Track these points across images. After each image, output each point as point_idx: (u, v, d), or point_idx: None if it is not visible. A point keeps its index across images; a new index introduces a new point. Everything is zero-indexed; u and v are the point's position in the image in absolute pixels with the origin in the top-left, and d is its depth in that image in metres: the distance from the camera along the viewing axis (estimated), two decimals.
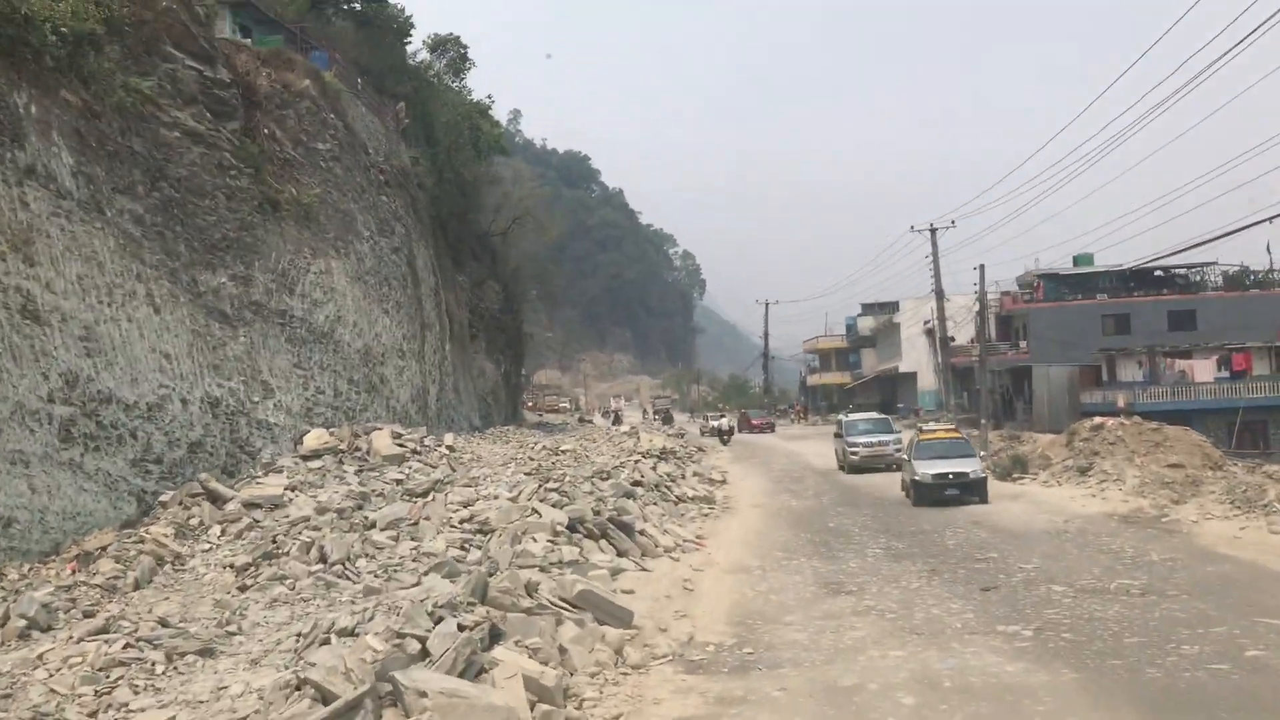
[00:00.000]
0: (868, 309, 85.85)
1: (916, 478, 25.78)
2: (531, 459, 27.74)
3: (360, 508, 17.20)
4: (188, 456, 21.53)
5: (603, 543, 17.82)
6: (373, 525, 16.16)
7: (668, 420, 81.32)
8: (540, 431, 64.64)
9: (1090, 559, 17.77)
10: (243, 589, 13.63)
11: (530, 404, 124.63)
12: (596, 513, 18.36)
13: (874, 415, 42.82)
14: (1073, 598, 14.71)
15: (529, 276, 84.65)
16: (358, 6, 56.71)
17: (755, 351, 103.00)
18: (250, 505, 17.09)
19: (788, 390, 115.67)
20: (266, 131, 29.45)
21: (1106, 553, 18.30)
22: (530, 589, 12.66)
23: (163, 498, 18.61)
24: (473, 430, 50.92)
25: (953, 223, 47.42)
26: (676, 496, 26.06)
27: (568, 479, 19.29)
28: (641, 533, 19.11)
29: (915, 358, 72.55)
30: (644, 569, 17.36)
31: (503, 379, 77.20)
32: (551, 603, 12.54)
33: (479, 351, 73.57)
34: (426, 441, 28.08)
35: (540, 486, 18.00)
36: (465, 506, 17.37)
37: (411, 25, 62.91)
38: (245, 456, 23.97)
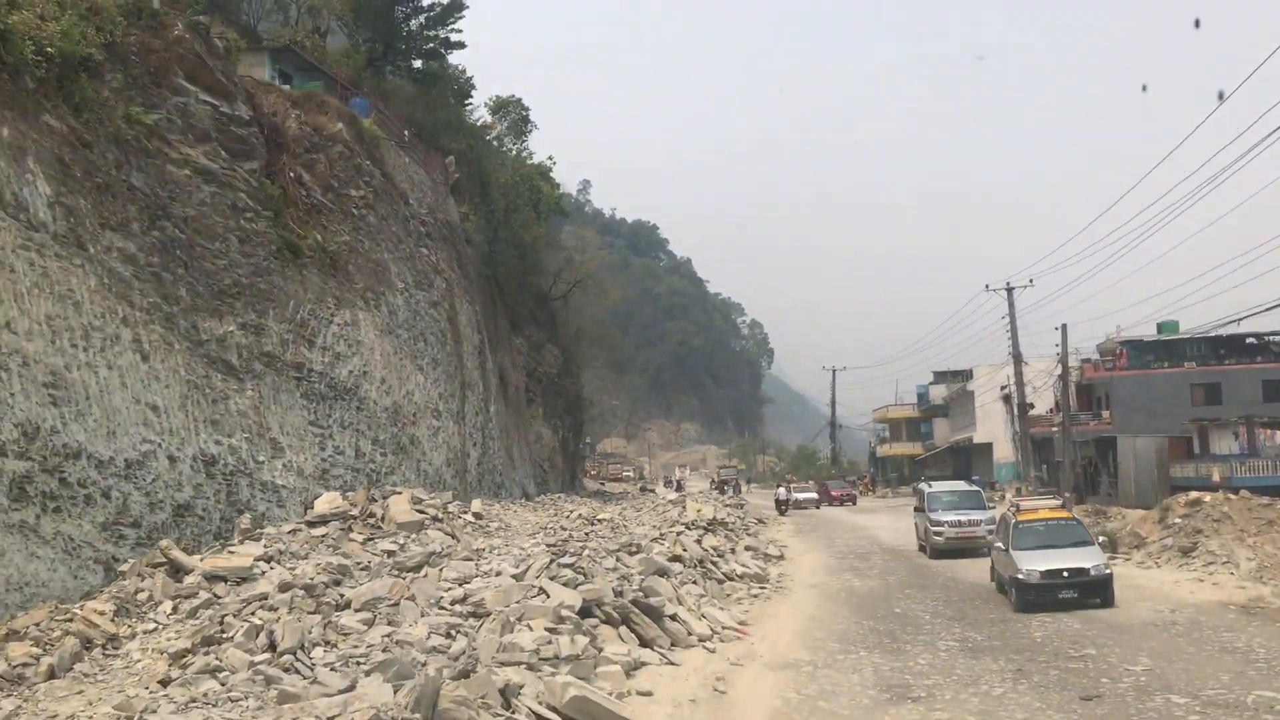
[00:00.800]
0: (940, 376, 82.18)
1: (1020, 576, 19.43)
2: (563, 529, 25.11)
3: (339, 583, 14.69)
4: (172, 520, 19.23)
5: (623, 630, 15.05)
6: (346, 605, 13.62)
7: (736, 490, 77.82)
8: (594, 500, 62.03)
9: (1212, 660, 14.56)
10: (164, 683, 11.16)
11: (593, 472, 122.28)
12: (618, 593, 15.62)
13: (962, 485, 35.35)
14: (1201, 713, 11.63)
15: (590, 341, 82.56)
16: (418, 64, 55.70)
17: (824, 421, 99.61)
18: (213, 578, 14.65)
19: (857, 461, 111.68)
20: (292, 175, 27.63)
21: (1231, 652, 15.06)
22: (509, 694, 9.98)
23: (122, 567, 16.25)
24: (523, 497, 48.47)
25: (1030, 281, 44.39)
26: (723, 574, 23.17)
27: (586, 553, 16.57)
28: (673, 617, 16.29)
29: (990, 428, 68.72)
30: (670, 663, 14.54)
31: (560, 445, 74.78)
32: (535, 715, 9.84)
33: (536, 416, 71.35)
34: (451, 508, 25.57)
35: (552, 561, 15.33)
36: (461, 584, 14.74)
37: (472, 86, 61.87)
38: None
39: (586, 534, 24.05)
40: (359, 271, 29.32)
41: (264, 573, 15.15)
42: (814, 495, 64.64)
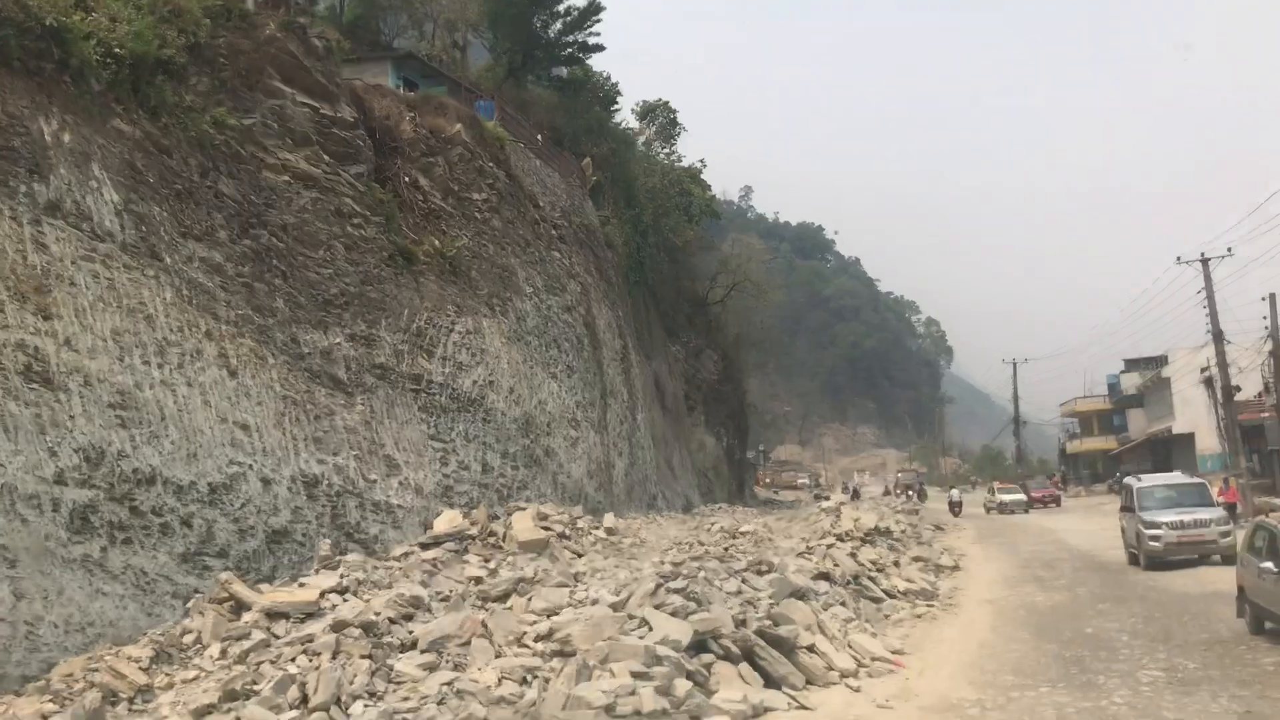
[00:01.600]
0: (1131, 364, 75.73)
1: None
2: (700, 544, 22.62)
3: (409, 618, 12.64)
4: (266, 548, 17.65)
5: (745, 668, 12.46)
6: (412, 645, 11.55)
7: (920, 495, 72.79)
8: (759, 510, 59.22)
9: None
10: None
11: (766, 480, 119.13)
12: (740, 623, 13.03)
13: (1180, 478, 29.09)
14: None
15: (751, 345, 79.69)
16: (560, 72, 54.44)
17: (1007, 418, 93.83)
18: (274, 615, 12.83)
19: (1046, 459, 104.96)
20: (407, 179, 26.13)
21: None
22: None
23: (189, 604, 14.63)
24: (683, 509, 46.19)
25: (1229, 250, 39.25)
26: (883, 591, 20.22)
27: (702, 575, 14.01)
28: (809, 649, 13.59)
29: (1191, 416, 62.41)
30: (801, 706, 11.91)
31: (725, 453, 72.20)
32: None
33: (697, 424, 68.99)
34: (581, 523, 23.45)
35: (659, 587, 12.87)
36: (548, 615, 12.48)
37: (618, 93, 60.15)
38: (354, 545, 19.98)
39: (725, 549, 21.47)
40: (483, 277, 27.60)
41: (334, 606, 13.24)
42: (1021, 497, 57.45)
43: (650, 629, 12.12)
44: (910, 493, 74.99)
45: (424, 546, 20.31)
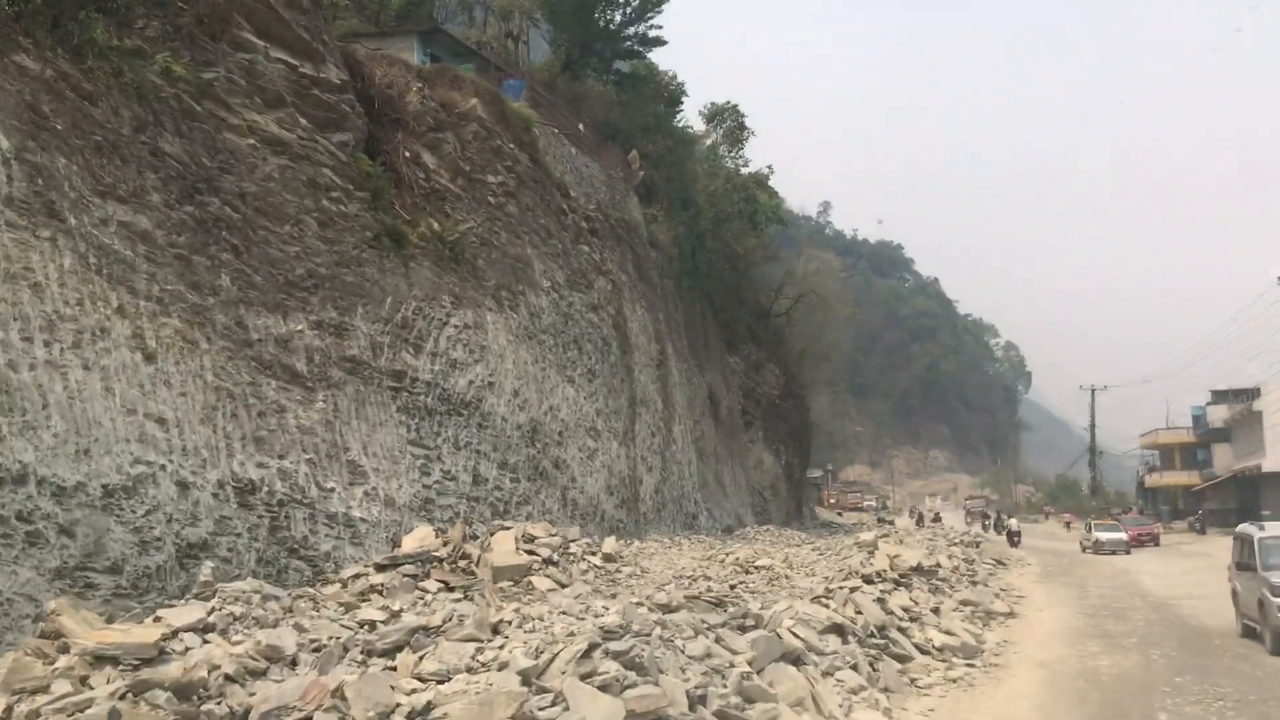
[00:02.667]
0: (1219, 396, 70.30)
1: None
2: (708, 578, 19.29)
3: (264, 673, 9.61)
4: (177, 564, 14.75)
5: None
6: (244, 716, 8.52)
7: (997, 524, 65.47)
8: (814, 533, 55.50)
9: None
10: None
11: (831, 500, 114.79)
12: (699, 700, 9.78)
13: None
14: None
15: (817, 361, 75.81)
16: (621, 67, 51.56)
17: (1084, 447, 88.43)
18: (101, 658, 9.90)
19: (1123, 492, 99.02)
20: (408, 154, 23.29)
21: None
22: None
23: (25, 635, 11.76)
24: (727, 529, 42.85)
25: None
26: (914, 646, 16.74)
27: (657, 633, 10.72)
28: None
29: None
30: None
31: (784, 472, 68.51)
32: None
33: (755, 440, 65.43)
34: (575, 547, 20.28)
35: (594, 649, 9.66)
36: (439, 682, 9.34)
37: (683, 92, 56.95)
38: (299, 562, 17.09)
39: (732, 588, 18.12)
40: (490, 267, 24.64)
41: (186, 650, 10.26)
42: (1122, 536, 47.80)
43: (567, 709, 8.91)
44: (986, 522, 68.28)
45: (380, 568, 17.31)
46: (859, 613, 16.82)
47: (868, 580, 18.88)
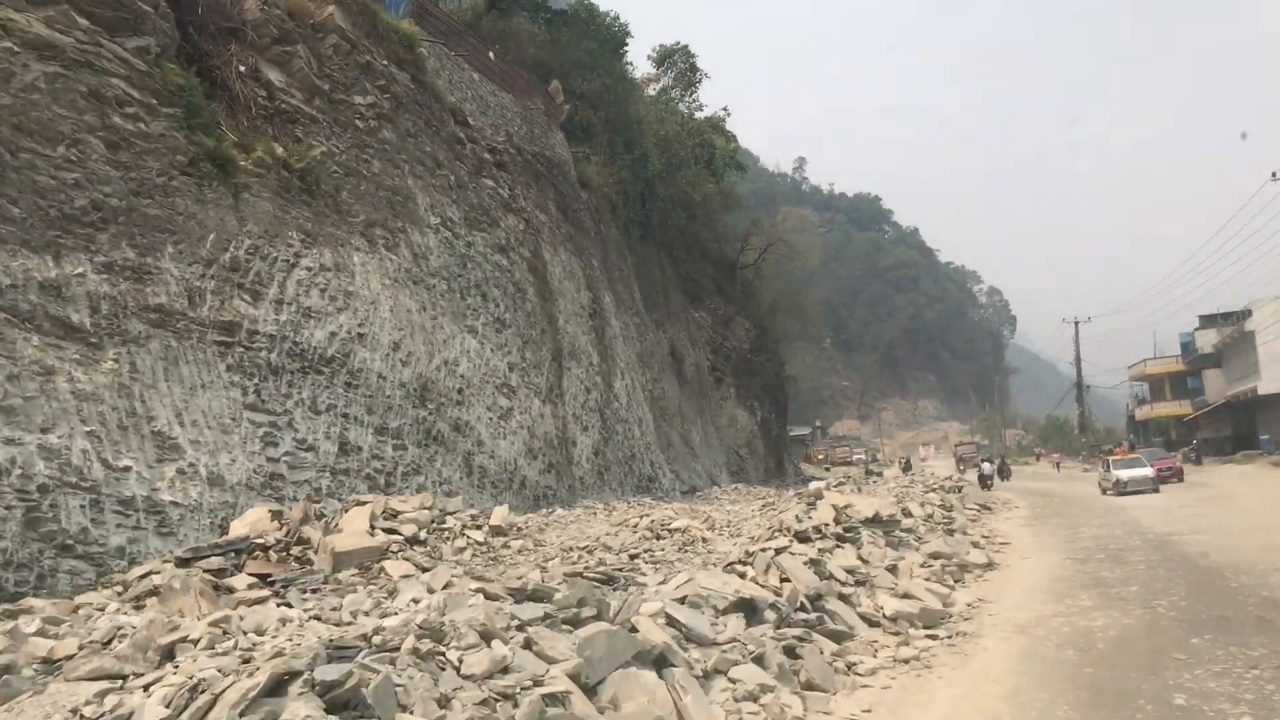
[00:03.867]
0: (1207, 320, 66.58)
1: None
2: (608, 548, 15.45)
3: None
4: None
5: None
6: None
7: (1003, 473, 57.99)
8: (798, 489, 51.84)
9: None
10: None
11: (820, 456, 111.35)
12: None
13: None
14: None
15: (788, 313, 71.82)
16: (563, 6, 47.45)
17: (1070, 384, 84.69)
18: None
19: (1113, 428, 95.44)
20: (243, 68, 19.23)
21: None
22: None
23: None
24: (691, 491, 39.13)
25: None
26: (860, 617, 12.94)
27: (409, 646, 6.91)
28: None
29: (1279, 375, 53.61)
30: None
31: (759, 428, 64.72)
32: None
33: (727, 398, 61.65)
34: (455, 520, 16.42)
35: (286, 681, 5.86)
36: None
37: (628, 34, 52.73)
38: (74, 562, 13.21)
39: (634, 557, 14.31)
40: (360, 200, 20.63)
41: None
42: (1148, 472, 39.88)
43: None
44: (989, 468, 62.32)
45: (182, 562, 13.47)
46: (785, 580, 12.99)
47: (802, 538, 15.02)
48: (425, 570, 14.23)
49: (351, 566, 14.22)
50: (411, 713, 6.33)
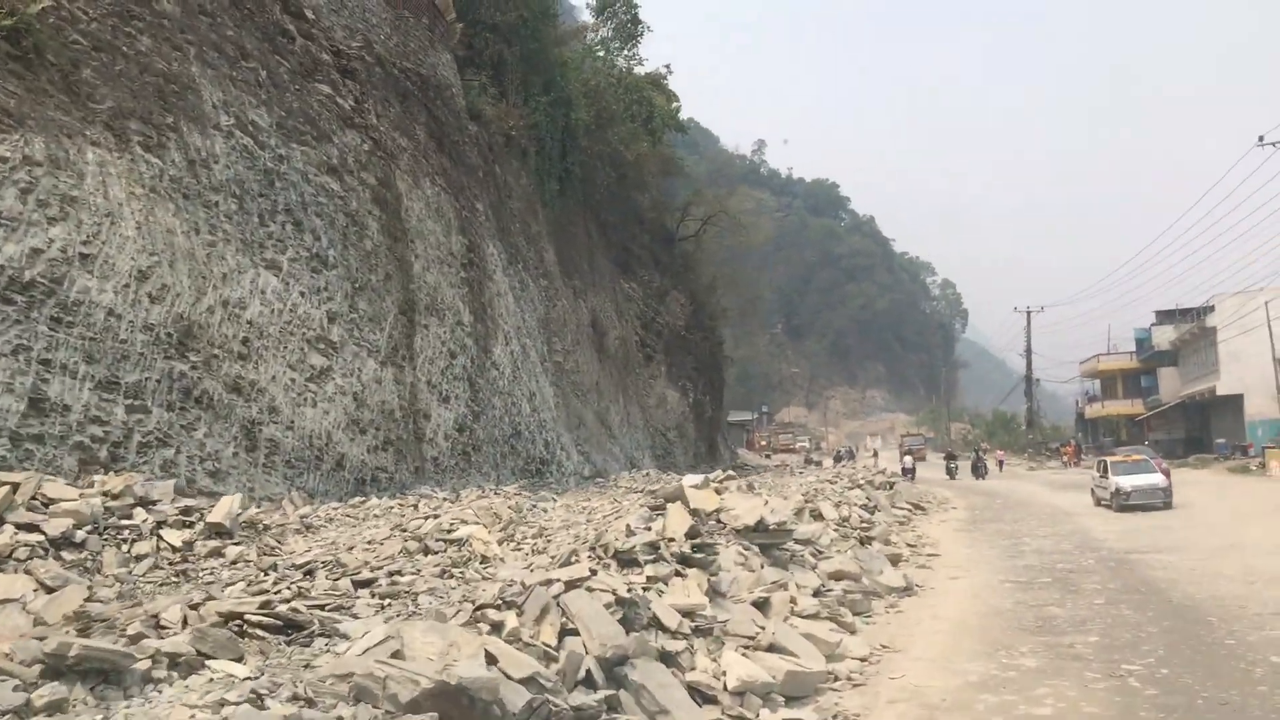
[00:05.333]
0: (1165, 316, 62.58)
1: None
2: (341, 565, 10.46)
3: None
4: None
5: None
6: None
7: (978, 470, 51.78)
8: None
9: None
10: None
11: (763, 443, 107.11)
12: None
13: None
14: None
15: (729, 290, 66.81)
16: None
17: (1019, 378, 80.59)
18: None
19: (1060, 425, 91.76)
20: None
21: None
22: None
23: None
24: (586, 476, 34.26)
25: None
26: (660, 706, 8.02)
27: None
28: None
29: (1240, 374, 49.51)
30: None
31: (691, 409, 59.86)
32: None
33: (657, 376, 56.68)
34: (145, 513, 11.35)
35: None
36: None
37: None
38: None
39: (363, 586, 9.34)
40: (109, 82, 15.33)
41: None
42: (1159, 481, 29.81)
43: None
44: (952, 464, 55.86)
45: None
46: (571, 634, 8.09)
47: (626, 561, 10.10)
48: (51, 590, 9.16)
49: None
50: None
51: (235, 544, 11.41)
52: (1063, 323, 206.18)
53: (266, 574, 9.63)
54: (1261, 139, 26.41)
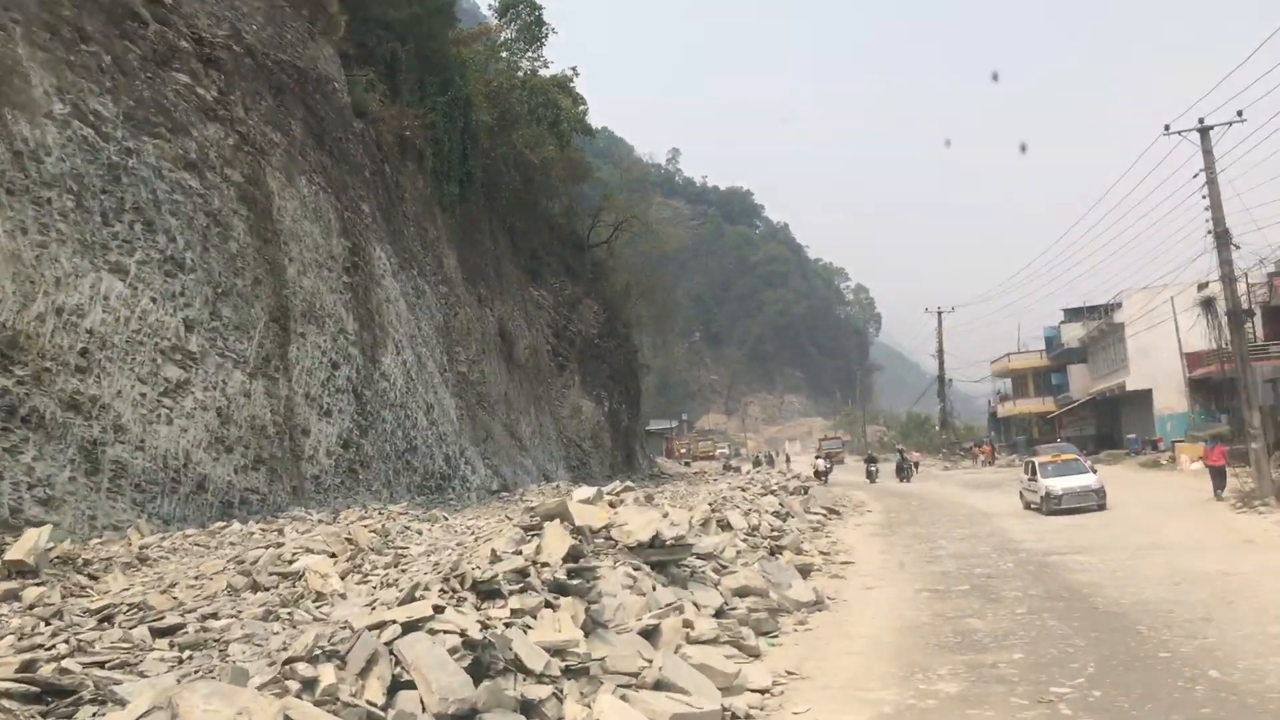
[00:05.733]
0: (1072, 314, 63.01)
1: None
2: (149, 608, 8.88)
3: None
4: None
5: None
6: None
7: (903, 472, 50.60)
8: (641, 485, 45.98)
9: None
10: None
11: (682, 450, 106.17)
12: None
13: None
14: None
15: (643, 297, 65.52)
16: None
17: (931, 379, 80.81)
18: None
19: (974, 425, 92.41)
20: None
21: None
22: None
23: None
24: (492, 491, 32.70)
25: (1240, 115, 25.89)
26: None
27: None
28: None
29: (1148, 370, 49.76)
30: None
31: (608, 419, 58.46)
32: None
33: (570, 386, 55.18)
34: None
35: None
36: None
37: None
38: None
39: (162, 636, 7.78)
40: None
41: None
42: (1091, 481, 27.65)
43: None
44: (872, 468, 54.28)
45: None
46: (404, 688, 6.65)
47: (488, 593, 8.66)
48: None
49: None
50: None
51: (38, 584, 9.71)
52: (974, 322, 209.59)
53: (48, 623, 7.96)
54: (1168, 128, 25.88)
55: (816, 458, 55.74)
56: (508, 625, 8.13)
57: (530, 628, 8.38)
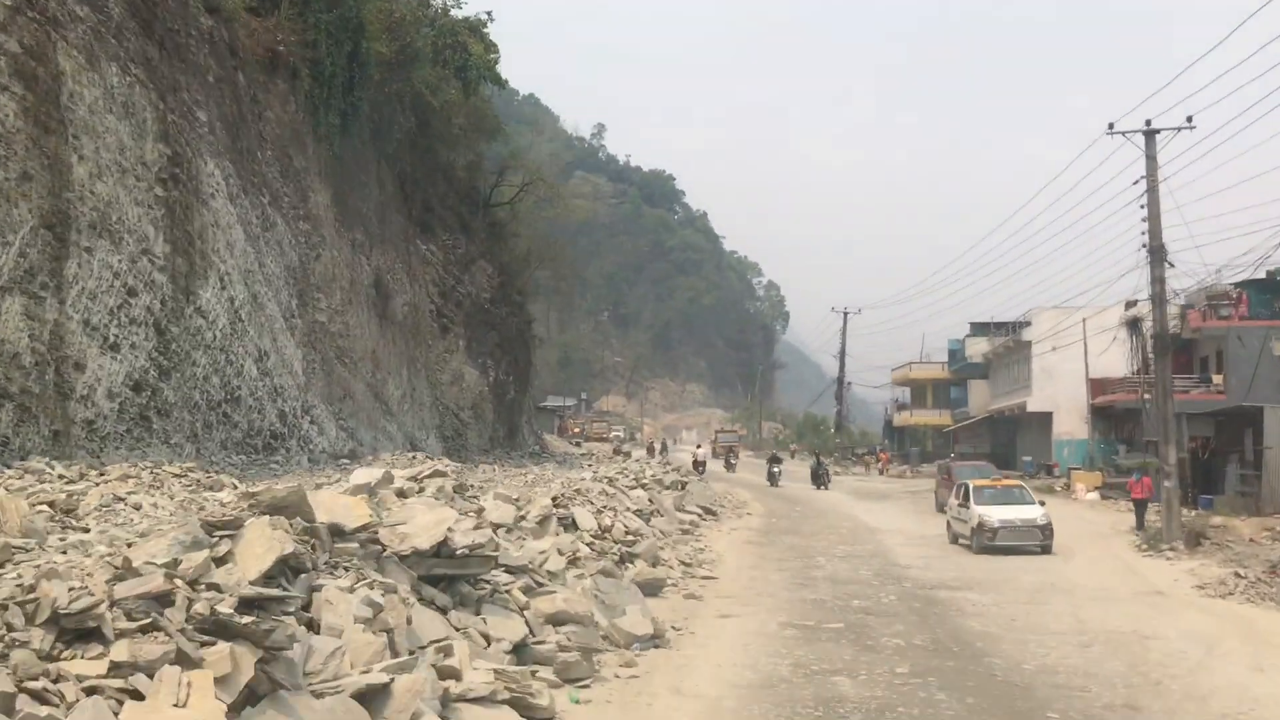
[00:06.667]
0: (979, 329, 61.50)
1: None
2: None
3: None
4: None
5: None
6: None
7: (819, 478, 44.84)
8: (519, 464, 42.97)
9: None
10: None
11: (576, 429, 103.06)
12: None
13: None
14: None
15: (543, 265, 62.09)
16: None
17: (831, 380, 79.03)
18: None
19: (869, 431, 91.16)
20: None
21: None
22: None
23: None
24: (335, 456, 29.28)
25: (1190, 121, 23.65)
26: None
27: None
28: None
29: (1050, 393, 48.25)
30: None
31: (491, 390, 54.91)
32: None
33: (454, 350, 51.45)
34: None
35: None
36: None
37: None
38: None
39: None
40: None
41: None
42: (1037, 514, 22.58)
43: None
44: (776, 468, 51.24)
45: None
46: None
47: (80, 634, 5.48)
48: None
49: None
50: None
51: None
52: (881, 326, 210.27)
53: None
54: (1112, 126, 23.57)
55: (697, 447, 52.92)
56: (92, 692, 4.89)
57: (141, 695, 5.17)
